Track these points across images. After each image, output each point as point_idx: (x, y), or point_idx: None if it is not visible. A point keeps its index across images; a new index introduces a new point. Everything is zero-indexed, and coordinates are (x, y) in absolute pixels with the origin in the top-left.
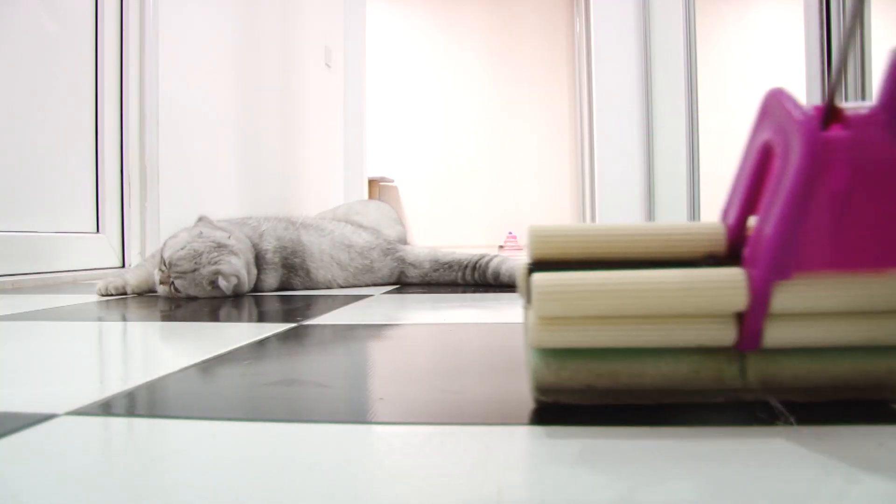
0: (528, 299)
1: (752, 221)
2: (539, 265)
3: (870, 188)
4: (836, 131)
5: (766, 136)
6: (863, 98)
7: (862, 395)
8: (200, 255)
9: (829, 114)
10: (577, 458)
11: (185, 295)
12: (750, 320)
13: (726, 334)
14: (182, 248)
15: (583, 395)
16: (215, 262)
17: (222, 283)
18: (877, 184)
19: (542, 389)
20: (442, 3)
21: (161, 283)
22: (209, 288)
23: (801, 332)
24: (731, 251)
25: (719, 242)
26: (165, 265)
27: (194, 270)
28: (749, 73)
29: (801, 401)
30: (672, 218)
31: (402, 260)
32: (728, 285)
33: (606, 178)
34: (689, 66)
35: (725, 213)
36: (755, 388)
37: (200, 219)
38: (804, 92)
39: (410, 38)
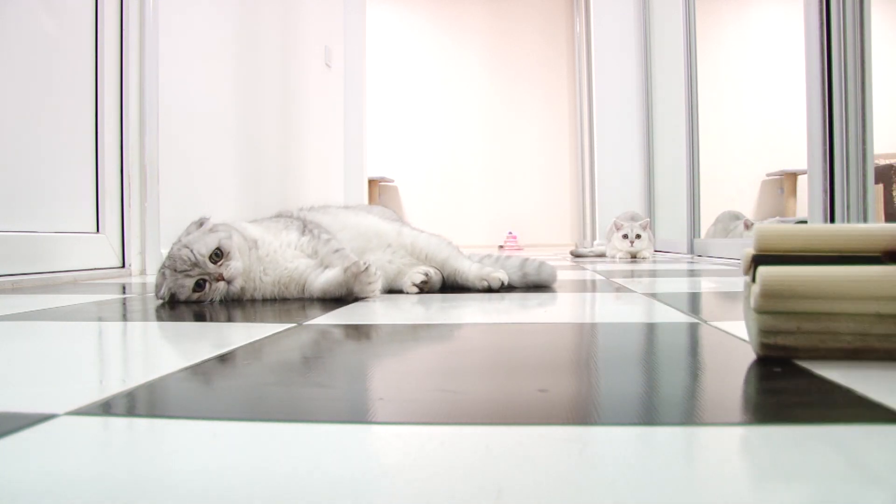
0: (753, 279)
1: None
2: (763, 258)
3: None
4: None
5: None
6: (862, 99)
7: None
8: None
9: None
10: (577, 456)
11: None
12: None
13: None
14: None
15: (794, 341)
16: None
17: None
18: None
19: (765, 340)
20: (442, 3)
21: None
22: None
23: None
24: None
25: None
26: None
27: None
28: (749, 73)
29: None
30: (672, 218)
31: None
32: None
33: (606, 178)
34: (689, 66)
35: None
36: None
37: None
38: (804, 91)
39: (410, 37)
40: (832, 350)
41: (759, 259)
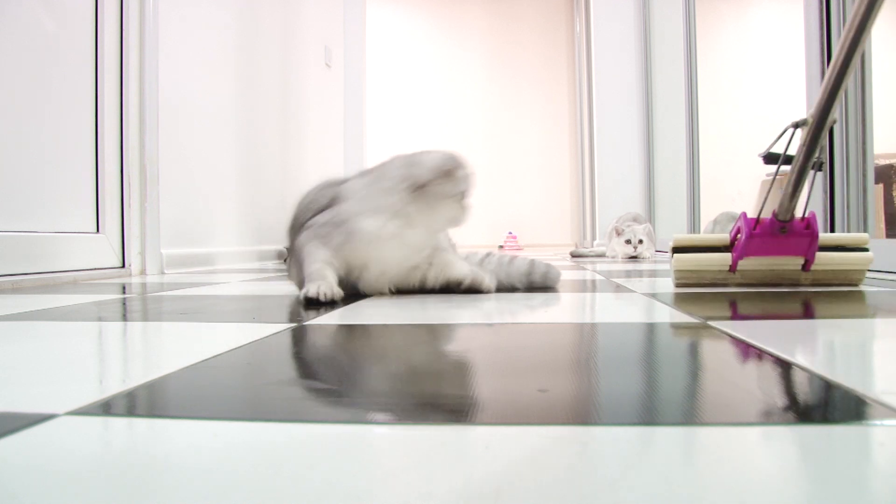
0: (672, 257)
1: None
2: (676, 249)
3: (764, 241)
4: (757, 229)
5: (738, 224)
6: (862, 99)
7: (773, 282)
8: None
9: (756, 222)
10: (576, 456)
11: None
12: (733, 265)
13: (727, 267)
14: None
15: (687, 281)
16: None
17: None
18: (766, 240)
19: (677, 281)
20: (442, 3)
21: None
22: None
23: (746, 266)
24: (731, 244)
25: (727, 242)
26: None
27: None
28: (749, 73)
29: (751, 282)
30: (672, 217)
31: None
32: (728, 258)
33: (606, 178)
34: (689, 66)
35: (730, 233)
36: (738, 280)
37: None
38: (804, 90)
39: (410, 37)
40: (704, 284)
41: (675, 249)
